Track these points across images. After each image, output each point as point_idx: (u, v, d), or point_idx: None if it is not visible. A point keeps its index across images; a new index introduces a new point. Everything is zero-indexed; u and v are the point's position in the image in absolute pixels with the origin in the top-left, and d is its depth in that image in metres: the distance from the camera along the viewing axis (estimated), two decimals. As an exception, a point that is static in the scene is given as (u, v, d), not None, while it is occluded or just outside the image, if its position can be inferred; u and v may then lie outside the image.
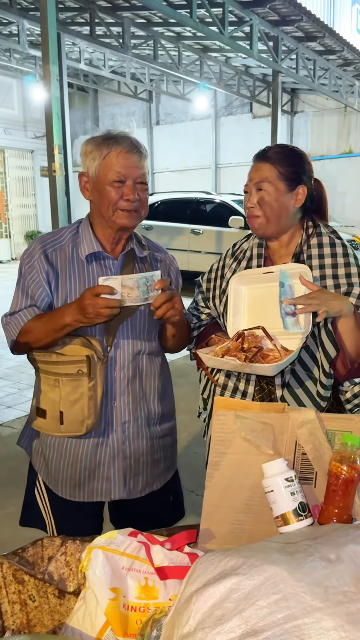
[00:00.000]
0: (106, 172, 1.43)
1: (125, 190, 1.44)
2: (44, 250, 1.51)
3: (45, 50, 4.68)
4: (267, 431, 1.08)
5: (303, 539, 0.89)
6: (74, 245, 1.53)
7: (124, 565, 0.97)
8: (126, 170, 1.43)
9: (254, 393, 1.57)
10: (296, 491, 1.01)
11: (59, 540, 1.13)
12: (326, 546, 0.83)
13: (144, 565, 0.98)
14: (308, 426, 1.06)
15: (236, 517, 1.07)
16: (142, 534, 0.99)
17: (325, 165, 13.54)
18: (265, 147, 1.56)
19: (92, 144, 1.47)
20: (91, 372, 1.42)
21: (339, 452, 1.04)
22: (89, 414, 1.44)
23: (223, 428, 1.06)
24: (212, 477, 1.07)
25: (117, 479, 1.55)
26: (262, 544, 0.87)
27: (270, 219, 1.50)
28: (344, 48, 9.72)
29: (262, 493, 1.05)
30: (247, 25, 7.96)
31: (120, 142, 1.44)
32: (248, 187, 1.53)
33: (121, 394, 1.53)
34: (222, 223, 9.41)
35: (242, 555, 0.82)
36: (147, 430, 1.59)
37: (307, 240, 1.54)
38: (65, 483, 1.56)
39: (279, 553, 0.83)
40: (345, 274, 1.48)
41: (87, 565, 0.93)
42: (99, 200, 1.48)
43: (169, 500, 1.71)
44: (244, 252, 1.66)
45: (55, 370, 1.46)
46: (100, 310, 1.33)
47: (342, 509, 1.01)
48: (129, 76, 12.06)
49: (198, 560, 0.87)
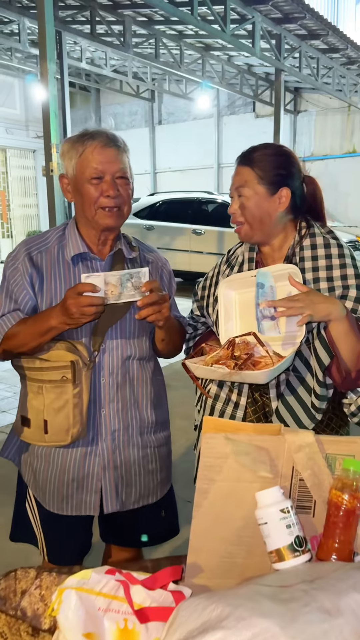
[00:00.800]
0: (83, 169, 1.38)
1: (104, 186, 1.38)
2: (28, 253, 1.45)
3: (42, 47, 4.59)
4: (262, 454, 0.99)
5: (299, 582, 0.79)
6: (60, 246, 1.47)
7: (101, 606, 0.87)
8: (103, 165, 1.38)
9: (247, 405, 1.47)
10: (292, 524, 0.91)
11: (34, 572, 1.04)
12: (325, 593, 0.74)
13: (123, 605, 0.88)
14: (306, 450, 0.96)
15: (227, 549, 0.97)
16: (120, 572, 0.89)
17: (329, 165, 13.42)
18: (249, 148, 1.47)
19: (68, 144, 1.43)
20: (76, 378, 1.36)
21: (340, 478, 0.94)
22: (74, 422, 1.37)
23: (212, 452, 0.97)
24: (201, 506, 0.97)
25: (109, 491, 1.47)
26: (252, 589, 0.77)
27: (253, 225, 1.42)
28: (347, 46, 9.59)
29: (255, 523, 0.95)
30: (249, 23, 7.85)
31: (96, 137, 1.39)
32: (231, 193, 1.46)
33: (110, 401, 1.45)
34: (224, 223, 9.30)
35: (229, 604, 0.73)
36: (139, 439, 1.51)
37: (299, 242, 1.45)
38: (52, 495, 1.49)
39: (271, 601, 0.73)
40: (341, 276, 1.38)
41: (58, 609, 0.83)
42: (80, 200, 1.43)
43: (161, 516, 1.61)
44: (237, 257, 1.58)
45: (39, 377, 1.40)
46: (84, 309, 1.27)
47: (343, 543, 0.91)
48: (130, 75, 11.97)
49: (180, 606, 0.77)
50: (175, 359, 1.65)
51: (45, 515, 1.52)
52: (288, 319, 1.31)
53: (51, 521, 1.52)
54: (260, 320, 1.26)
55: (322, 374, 1.32)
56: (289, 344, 1.34)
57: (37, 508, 1.54)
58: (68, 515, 1.49)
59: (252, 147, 1.47)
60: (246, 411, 1.47)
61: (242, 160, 1.44)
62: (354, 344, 1.30)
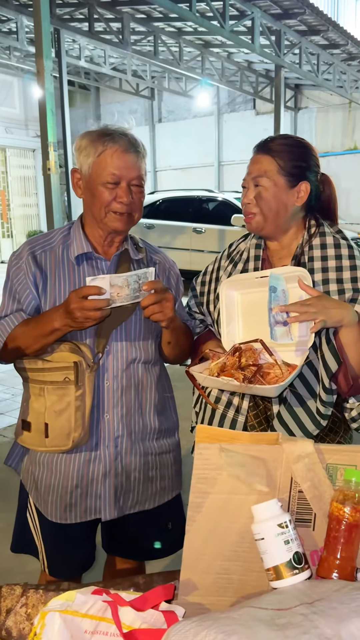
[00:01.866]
0: (100, 171, 1.33)
1: (119, 192, 1.34)
2: (32, 252, 1.41)
3: (38, 44, 4.53)
4: (258, 465, 0.93)
5: (298, 604, 0.74)
6: (65, 246, 1.43)
7: (87, 629, 0.82)
8: (121, 171, 1.33)
9: (248, 409, 1.42)
10: (291, 539, 0.85)
11: (19, 590, 0.99)
12: (325, 619, 0.68)
13: (111, 626, 0.83)
14: (305, 460, 0.91)
15: (222, 565, 0.92)
16: (107, 592, 0.84)
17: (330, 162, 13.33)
18: (267, 138, 1.42)
19: (86, 139, 1.36)
20: (79, 380, 1.31)
21: (342, 490, 0.89)
22: (76, 426, 1.32)
23: (206, 464, 0.91)
24: (194, 520, 0.91)
25: (107, 498, 1.42)
26: (247, 613, 0.72)
27: (268, 217, 1.36)
28: (348, 42, 9.51)
29: (252, 538, 0.89)
30: (248, 19, 7.78)
31: (117, 139, 1.34)
32: (246, 182, 1.39)
33: (114, 405, 1.40)
34: (225, 221, 9.24)
35: (222, 630, 0.67)
36: (141, 446, 1.46)
37: (308, 241, 1.39)
38: (55, 505, 1.43)
39: (267, 627, 0.68)
40: (351, 278, 1.33)
41: (41, 633, 0.78)
42: (90, 200, 1.38)
43: (167, 528, 1.55)
44: (241, 253, 1.51)
45: (41, 378, 1.35)
46: (89, 313, 1.22)
47: (345, 560, 0.86)
48: (130, 73, 11.90)
49: (170, 631, 0.72)
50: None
51: (47, 525, 1.46)
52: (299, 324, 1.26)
53: (53, 532, 1.46)
54: (273, 326, 1.20)
55: (329, 380, 1.27)
56: (299, 350, 1.28)
57: (38, 518, 1.48)
58: (72, 524, 1.43)
59: (271, 137, 1.42)
60: (247, 415, 1.42)
61: (262, 148, 1.38)
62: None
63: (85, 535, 1.49)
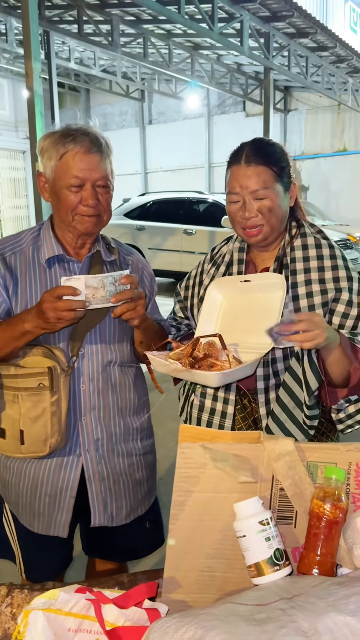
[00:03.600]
0: (62, 174, 1.31)
1: (84, 194, 1.32)
2: (1, 254, 1.39)
3: (27, 46, 4.53)
4: (242, 461, 0.95)
5: (277, 599, 0.75)
6: (35, 247, 1.41)
7: (71, 627, 0.83)
8: (84, 173, 1.30)
9: (235, 412, 1.42)
10: (272, 536, 0.87)
11: (4, 590, 0.99)
12: (303, 613, 0.70)
13: (95, 624, 0.84)
14: (286, 458, 0.92)
15: (205, 563, 0.93)
16: (90, 590, 0.85)
17: (320, 163, 13.42)
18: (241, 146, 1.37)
19: (48, 141, 1.34)
20: (54, 385, 1.29)
21: (322, 487, 0.90)
22: (52, 432, 1.31)
23: (188, 463, 0.92)
24: (177, 519, 0.92)
25: (96, 504, 1.41)
26: (228, 608, 0.73)
27: (275, 226, 1.35)
28: (336, 44, 9.57)
29: (234, 535, 0.91)
30: (237, 22, 7.81)
31: (78, 140, 1.30)
32: (239, 197, 1.33)
33: (91, 408, 1.39)
34: (215, 223, 9.26)
35: (202, 626, 0.69)
36: (124, 447, 1.45)
37: (290, 242, 1.40)
38: (25, 510, 1.42)
39: (246, 622, 0.69)
40: (333, 278, 1.34)
41: (24, 632, 0.78)
42: (57, 203, 1.36)
43: (145, 527, 1.56)
44: (223, 256, 1.52)
45: (14, 385, 1.33)
46: (62, 314, 1.20)
47: (324, 556, 0.88)
48: (119, 75, 11.91)
49: (152, 627, 0.73)
50: None
51: (22, 530, 1.45)
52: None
53: (28, 537, 1.45)
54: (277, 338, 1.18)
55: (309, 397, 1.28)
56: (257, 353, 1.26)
57: (13, 522, 1.47)
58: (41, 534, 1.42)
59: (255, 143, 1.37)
60: (235, 418, 1.42)
61: (256, 158, 1.32)
62: (345, 367, 1.28)
63: (61, 541, 1.45)
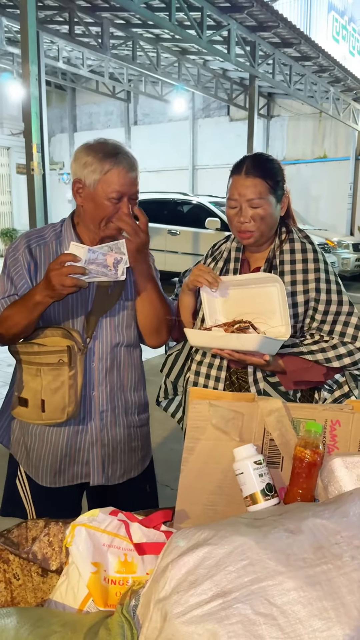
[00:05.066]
0: (106, 187, 1.50)
1: (121, 205, 1.52)
2: (28, 245, 1.59)
3: (24, 49, 4.70)
4: (236, 419, 1.17)
5: (269, 516, 0.98)
6: (58, 242, 1.61)
7: (105, 542, 1.04)
8: (124, 188, 1.51)
9: (225, 388, 1.64)
10: (264, 473, 1.09)
11: (43, 523, 1.20)
12: (289, 520, 0.92)
13: (123, 542, 1.06)
14: (275, 414, 1.15)
15: (209, 498, 1.15)
16: (122, 512, 1.06)
17: (301, 169, 13.78)
18: (244, 159, 1.57)
19: (92, 157, 1.52)
20: (71, 361, 1.50)
21: (304, 438, 1.13)
22: (70, 401, 1.52)
23: (198, 416, 1.15)
24: (187, 461, 1.15)
25: (95, 465, 1.63)
26: (232, 519, 0.95)
27: (264, 232, 1.56)
28: (319, 55, 9.92)
29: (233, 476, 1.13)
30: (225, 30, 8.08)
31: (121, 160, 1.52)
32: (237, 202, 1.54)
33: (99, 384, 1.61)
34: (199, 224, 9.52)
35: (214, 529, 0.91)
36: (124, 419, 1.67)
37: (279, 246, 1.61)
38: (46, 470, 1.63)
39: (247, 526, 0.91)
40: (315, 279, 1.56)
41: (71, 541, 1.00)
42: (92, 210, 1.54)
43: (146, 490, 1.79)
44: (222, 252, 1.72)
45: (37, 360, 1.54)
46: (65, 279, 1.39)
47: (305, 490, 1.11)
48: (107, 76, 12.09)
49: (174, 535, 0.95)
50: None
51: (37, 490, 1.66)
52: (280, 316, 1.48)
53: (42, 495, 1.66)
54: None
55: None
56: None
57: (28, 484, 1.68)
58: (61, 487, 1.64)
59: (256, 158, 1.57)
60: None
61: (254, 171, 1.52)
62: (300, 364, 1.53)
63: (73, 499, 1.69)
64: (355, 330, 1.53)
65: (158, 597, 0.85)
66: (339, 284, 1.59)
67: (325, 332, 1.54)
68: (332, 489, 1.12)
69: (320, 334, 1.54)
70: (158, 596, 0.85)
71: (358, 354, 1.52)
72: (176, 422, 1.95)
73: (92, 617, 0.92)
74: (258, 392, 1.57)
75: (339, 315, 1.54)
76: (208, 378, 1.66)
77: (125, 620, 0.88)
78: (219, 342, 1.45)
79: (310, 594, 0.79)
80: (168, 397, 1.90)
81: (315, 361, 1.51)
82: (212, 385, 1.65)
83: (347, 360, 1.51)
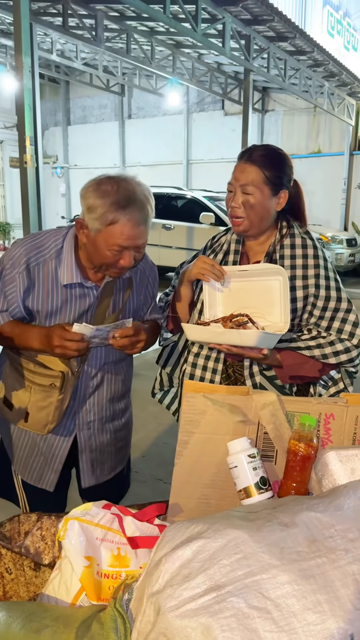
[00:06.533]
0: (107, 239, 1.38)
1: (124, 256, 1.41)
2: (27, 265, 1.47)
3: (17, 41, 4.65)
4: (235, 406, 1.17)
5: (263, 509, 0.97)
6: (57, 262, 1.49)
7: (98, 536, 1.03)
8: (128, 243, 1.38)
9: (221, 381, 1.64)
10: (258, 466, 1.09)
11: (35, 516, 1.19)
12: (283, 513, 0.92)
13: (116, 536, 1.05)
14: (270, 408, 1.15)
15: (203, 492, 1.15)
16: (115, 506, 1.06)
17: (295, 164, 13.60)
18: (251, 147, 1.57)
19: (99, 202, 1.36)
20: (63, 387, 1.52)
21: (298, 431, 1.13)
22: (52, 420, 1.55)
23: (192, 409, 1.14)
24: (181, 455, 1.14)
25: (85, 469, 1.69)
26: (226, 512, 0.95)
27: (254, 222, 1.55)
28: (314, 49, 9.89)
29: (227, 470, 1.13)
30: (219, 23, 8.02)
31: (131, 210, 1.35)
32: (233, 187, 1.55)
33: (87, 399, 1.64)
34: (193, 219, 9.50)
35: (207, 522, 0.90)
36: (110, 426, 1.71)
37: (280, 240, 1.60)
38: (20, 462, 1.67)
39: (241, 520, 0.91)
40: (315, 275, 1.56)
41: (64, 535, 0.99)
42: (93, 252, 1.44)
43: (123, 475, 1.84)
44: (221, 245, 1.71)
45: (30, 379, 1.56)
46: (68, 352, 1.41)
47: (299, 483, 1.10)
48: (101, 69, 12.00)
49: (167, 529, 0.94)
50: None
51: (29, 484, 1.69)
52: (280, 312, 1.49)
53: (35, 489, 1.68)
54: None
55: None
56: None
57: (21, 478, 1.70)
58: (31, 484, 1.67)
59: (255, 147, 1.57)
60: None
61: (249, 158, 1.53)
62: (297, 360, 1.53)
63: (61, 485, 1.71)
64: (353, 327, 1.53)
65: (151, 590, 0.84)
66: (337, 280, 1.59)
67: (323, 328, 1.54)
68: (326, 482, 1.11)
69: (318, 330, 1.54)
70: (151, 590, 0.85)
71: (355, 351, 1.53)
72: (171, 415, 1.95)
73: (84, 611, 0.91)
74: (254, 386, 1.57)
75: (337, 312, 1.55)
76: (205, 370, 1.66)
77: (118, 614, 0.87)
78: (219, 338, 1.45)
79: (304, 587, 0.79)
80: (163, 389, 1.90)
81: (312, 357, 1.51)
82: (209, 377, 1.65)
83: (344, 357, 1.52)
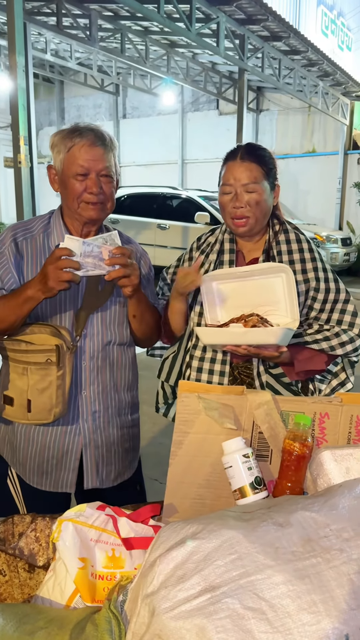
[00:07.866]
0: (69, 165, 1.47)
1: (88, 183, 1.47)
2: (14, 239, 1.53)
3: (11, 41, 4.63)
4: (228, 410, 1.16)
5: (258, 509, 0.97)
6: (45, 235, 1.56)
7: (92, 537, 1.03)
8: (89, 163, 1.46)
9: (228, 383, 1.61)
10: (253, 466, 1.09)
11: (29, 518, 1.19)
12: (278, 513, 0.92)
13: (111, 537, 1.05)
14: (264, 407, 1.15)
15: (197, 492, 1.14)
16: (109, 507, 1.05)
17: (289, 163, 13.78)
18: (239, 146, 1.56)
19: (58, 137, 1.50)
20: (60, 361, 1.45)
21: (292, 431, 1.13)
22: (57, 402, 1.47)
23: (186, 409, 1.14)
24: (176, 455, 1.14)
25: (89, 468, 1.58)
26: (221, 513, 0.94)
27: (259, 219, 1.54)
28: (308, 49, 9.90)
29: (222, 470, 1.12)
30: (214, 23, 8.02)
31: (84, 134, 1.47)
32: (232, 188, 1.52)
33: (90, 383, 1.56)
34: (188, 218, 9.50)
35: (202, 522, 0.90)
36: (117, 420, 1.62)
37: (274, 237, 1.60)
38: (33, 471, 1.59)
39: (236, 520, 0.91)
40: (313, 268, 1.57)
41: (58, 537, 0.99)
42: (64, 193, 1.52)
43: (136, 490, 1.75)
44: (211, 245, 1.68)
45: (24, 359, 1.48)
46: (61, 274, 1.34)
47: (294, 483, 1.10)
48: (95, 68, 11.98)
49: (162, 529, 0.94)
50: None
51: (28, 490, 1.61)
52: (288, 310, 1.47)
53: (33, 495, 1.61)
54: None
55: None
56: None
57: (19, 483, 1.63)
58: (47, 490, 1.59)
59: (250, 145, 1.57)
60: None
61: (249, 156, 1.52)
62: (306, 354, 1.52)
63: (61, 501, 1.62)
64: (352, 317, 1.55)
65: (146, 592, 0.84)
66: (333, 272, 1.61)
67: (323, 321, 1.54)
68: (321, 481, 1.11)
69: (319, 323, 1.54)
70: (146, 591, 0.84)
71: (358, 340, 1.54)
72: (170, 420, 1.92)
73: (79, 613, 0.91)
74: (261, 385, 1.55)
75: (337, 303, 1.56)
76: (211, 374, 1.61)
77: (112, 616, 0.87)
78: (241, 338, 1.41)
79: (299, 587, 0.78)
80: (167, 402, 1.84)
81: (320, 350, 1.51)
82: (217, 380, 1.60)
83: (349, 347, 1.53)
